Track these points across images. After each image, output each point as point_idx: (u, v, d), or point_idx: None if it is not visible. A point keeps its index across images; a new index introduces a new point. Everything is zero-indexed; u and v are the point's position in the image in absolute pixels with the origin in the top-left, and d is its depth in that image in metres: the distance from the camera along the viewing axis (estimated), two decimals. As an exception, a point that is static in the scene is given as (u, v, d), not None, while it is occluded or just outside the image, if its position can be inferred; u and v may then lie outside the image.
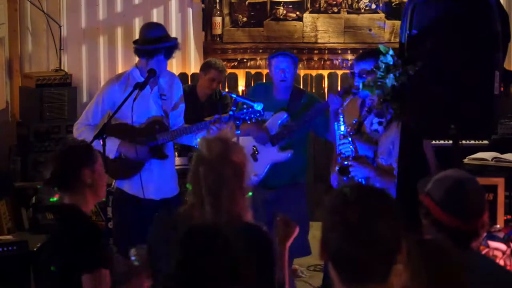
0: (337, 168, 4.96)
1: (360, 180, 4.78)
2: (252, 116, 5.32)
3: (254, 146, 5.58)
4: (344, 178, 4.94)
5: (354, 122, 4.93)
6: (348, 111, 5.10)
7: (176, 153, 6.17)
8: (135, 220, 5.15)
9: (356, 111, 5.06)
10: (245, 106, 5.36)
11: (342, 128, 5.02)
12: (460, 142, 4.09)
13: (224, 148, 3.07)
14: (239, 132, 5.30)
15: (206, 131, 5.29)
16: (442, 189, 2.77)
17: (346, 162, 4.92)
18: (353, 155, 4.82)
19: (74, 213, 3.37)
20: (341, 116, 5.05)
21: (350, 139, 4.83)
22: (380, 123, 4.87)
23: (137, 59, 5.37)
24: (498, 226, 3.97)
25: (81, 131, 5.25)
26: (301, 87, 7.76)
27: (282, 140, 5.59)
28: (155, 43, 5.21)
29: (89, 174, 3.36)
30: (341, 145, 4.98)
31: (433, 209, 2.75)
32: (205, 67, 7.04)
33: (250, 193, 3.10)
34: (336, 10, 8.13)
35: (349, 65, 7.95)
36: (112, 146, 5.13)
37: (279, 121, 5.66)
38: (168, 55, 5.27)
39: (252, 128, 5.56)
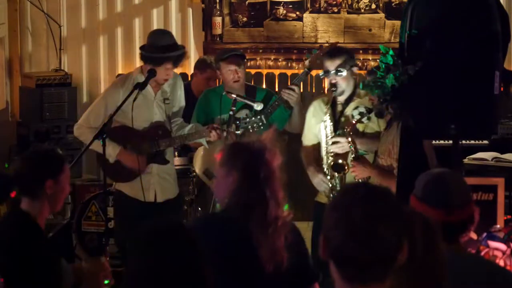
0: (331, 163, 4.96)
1: (360, 181, 4.78)
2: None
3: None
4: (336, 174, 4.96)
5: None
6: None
7: (175, 153, 6.16)
8: (137, 221, 5.14)
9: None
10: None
11: (328, 129, 5.02)
12: (460, 142, 4.09)
13: (265, 148, 3.21)
14: (239, 132, 5.27)
15: (207, 137, 5.27)
16: (423, 184, 2.80)
17: (340, 160, 4.92)
18: (353, 155, 4.82)
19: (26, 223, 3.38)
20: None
21: (349, 139, 4.83)
22: (360, 114, 4.92)
23: (137, 60, 5.36)
24: (498, 226, 3.96)
25: (82, 133, 5.24)
26: (301, 87, 7.74)
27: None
28: (164, 52, 5.15)
29: (52, 185, 3.36)
30: (330, 146, 4.98)
31: (416, 205, 2.77)
32: (201, 66, 6.99)
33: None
34: (336, 10, 8.12)
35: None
36: (112, 151, 5.11)
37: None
38: (176, 63, 5.21)
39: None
